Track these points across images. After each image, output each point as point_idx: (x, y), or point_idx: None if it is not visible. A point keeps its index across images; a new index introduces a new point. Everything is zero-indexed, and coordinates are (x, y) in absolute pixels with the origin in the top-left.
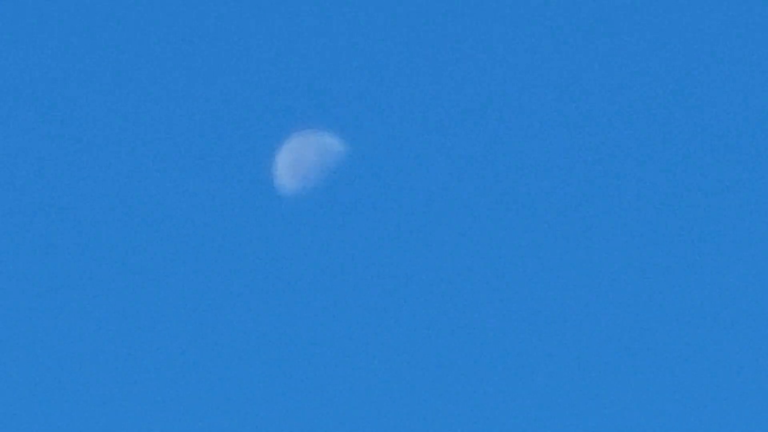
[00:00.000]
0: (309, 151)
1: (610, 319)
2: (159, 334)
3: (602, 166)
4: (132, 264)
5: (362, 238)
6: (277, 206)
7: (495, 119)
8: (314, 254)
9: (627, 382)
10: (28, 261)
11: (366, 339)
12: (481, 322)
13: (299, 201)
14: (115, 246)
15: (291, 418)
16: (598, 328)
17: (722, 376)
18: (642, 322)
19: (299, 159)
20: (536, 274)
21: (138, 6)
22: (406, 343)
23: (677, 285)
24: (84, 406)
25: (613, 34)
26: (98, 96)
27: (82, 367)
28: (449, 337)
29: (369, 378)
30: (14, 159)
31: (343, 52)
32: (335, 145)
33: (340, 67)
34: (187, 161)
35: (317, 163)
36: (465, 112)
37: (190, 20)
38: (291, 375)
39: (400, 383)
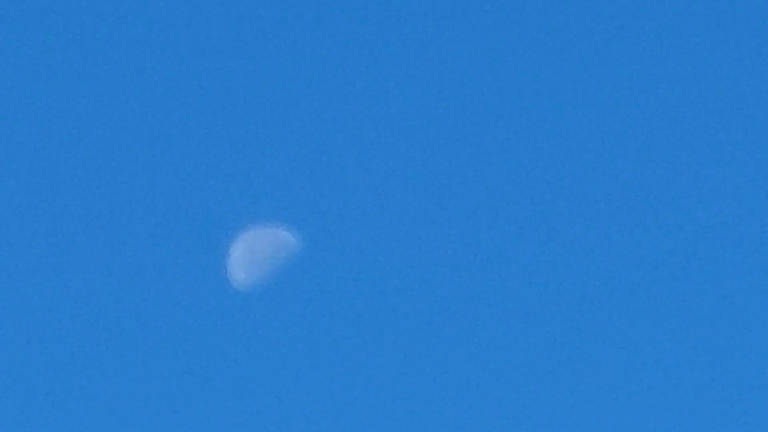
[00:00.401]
0: (262, 245)
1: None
2: None
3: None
4: (82, 365)
5: (315, 330)
6: (230, 299)
7: (446, 214)
8: (266, 346)
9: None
10: None
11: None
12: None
13: (252, 294)
14: (67, 341)
15: None
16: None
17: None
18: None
19: (252, 252)
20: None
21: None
22: None
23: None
24: None
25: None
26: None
27: None
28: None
29: None
30: None
31: (295, 149)
32: (289, 238)
33: (292, 162)
34: (140, 254)
35: (270, 256)
36: (417, 206)
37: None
38: None
39: None
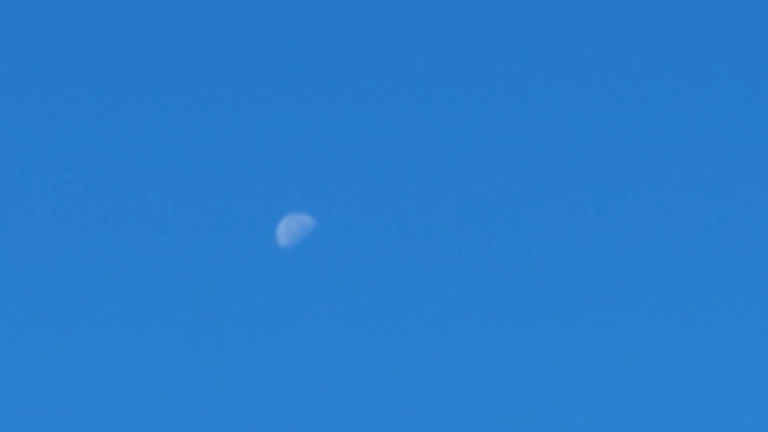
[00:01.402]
0: (295, 222)
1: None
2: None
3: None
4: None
5: (327, 276)
6: (278, 254)
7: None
8: (300, 283)
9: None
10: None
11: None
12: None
13: (289, 251)
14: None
15: None
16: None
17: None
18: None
19: (290, 227)
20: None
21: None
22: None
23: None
24: None
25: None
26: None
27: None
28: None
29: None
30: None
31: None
32: (309, 220)
33: (313, 169)
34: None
35: (299, 230)
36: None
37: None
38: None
39: None
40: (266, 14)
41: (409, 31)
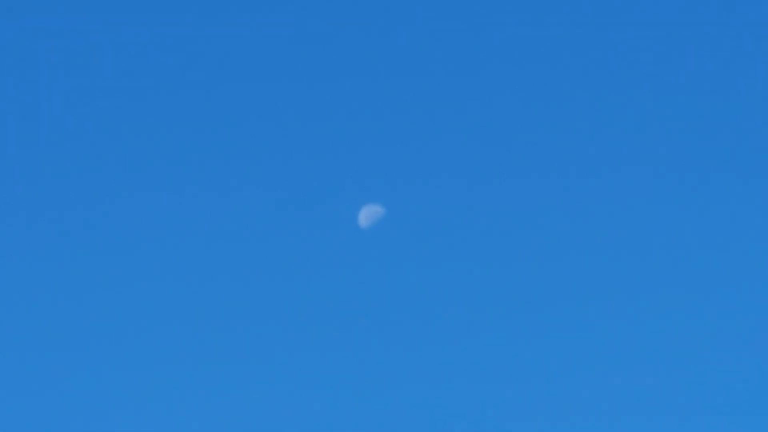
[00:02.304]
0: (370, 213)
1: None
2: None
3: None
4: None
5: (400, 251)
6: (359, 235)
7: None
8: (377, 257)
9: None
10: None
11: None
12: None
13: (368, 232)
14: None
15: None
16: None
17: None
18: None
19: (368, 213)
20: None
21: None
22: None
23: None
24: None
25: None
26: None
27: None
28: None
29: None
30: None
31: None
32: (380, 210)
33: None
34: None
35: (371, 217)
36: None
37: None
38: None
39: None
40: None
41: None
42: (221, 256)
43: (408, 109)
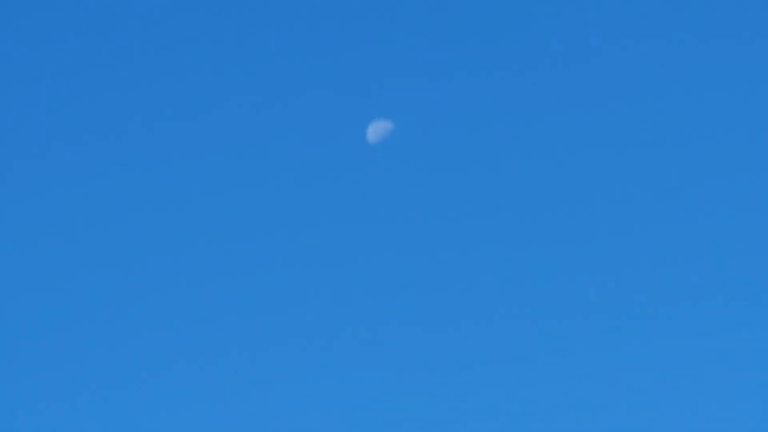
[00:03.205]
0: (379, 128)
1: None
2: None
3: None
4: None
5: (405, 166)
6: (368, 148)
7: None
8: (385, 170)
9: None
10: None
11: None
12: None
13: (376, 146)
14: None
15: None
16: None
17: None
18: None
19: (376, 128)
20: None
21: None
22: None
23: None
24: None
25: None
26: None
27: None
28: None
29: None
30: None
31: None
32: (389, 125)
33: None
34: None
35: (381, 132)
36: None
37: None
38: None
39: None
40: None
41: None
42: (233, 176)
43: (414, 23)
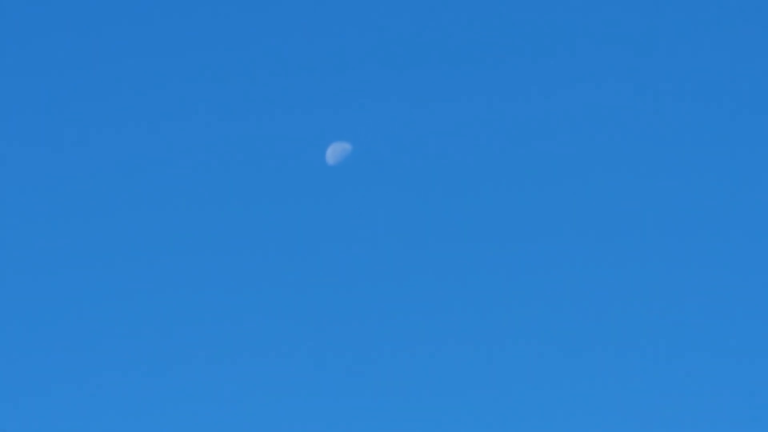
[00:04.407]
0: (338, 150)
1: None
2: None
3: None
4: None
5: (365, 184)
6: (326, 170)
7: None
8: (343, 192)
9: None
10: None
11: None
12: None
13: (335, 168)
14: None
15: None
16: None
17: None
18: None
19: (335, 151)
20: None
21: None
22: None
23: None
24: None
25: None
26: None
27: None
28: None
29: None
30: None
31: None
32: (348, 147)
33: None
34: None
35: (339, 154)
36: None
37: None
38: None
39: None
40: None
41: None
42: (192, 196)
43: (374, 47)
